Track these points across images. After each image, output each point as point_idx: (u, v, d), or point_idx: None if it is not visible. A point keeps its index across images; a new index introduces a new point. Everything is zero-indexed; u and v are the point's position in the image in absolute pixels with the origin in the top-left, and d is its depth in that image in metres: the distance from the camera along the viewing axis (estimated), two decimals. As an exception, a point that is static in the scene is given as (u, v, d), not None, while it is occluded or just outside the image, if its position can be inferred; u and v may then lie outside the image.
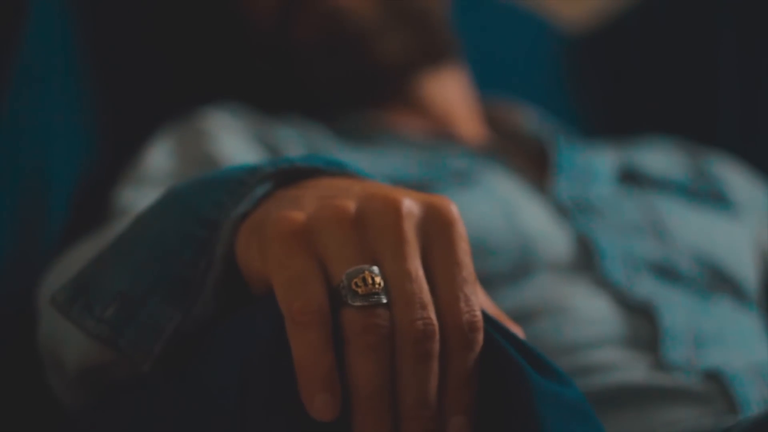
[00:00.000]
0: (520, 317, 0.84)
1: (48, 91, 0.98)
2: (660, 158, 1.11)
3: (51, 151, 0.97)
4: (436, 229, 0.58)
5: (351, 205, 0.58)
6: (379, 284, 0.56)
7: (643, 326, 0.85)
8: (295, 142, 1.00)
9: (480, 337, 0.56)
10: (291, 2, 1.08)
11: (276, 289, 0.56)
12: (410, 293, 0.56)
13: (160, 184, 0.92)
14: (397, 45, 1.07)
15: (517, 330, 0.61)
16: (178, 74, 1.16)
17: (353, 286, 0.56)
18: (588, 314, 0.85)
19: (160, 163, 0.96)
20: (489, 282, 0.87)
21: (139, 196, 0.90)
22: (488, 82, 1.28)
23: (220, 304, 0.64)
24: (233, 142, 0.98)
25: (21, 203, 0.93)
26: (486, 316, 0.58)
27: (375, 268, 0.56)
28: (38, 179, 0.95)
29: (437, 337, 0.55)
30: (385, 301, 0.56)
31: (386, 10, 1.07)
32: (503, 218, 0.91)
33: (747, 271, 0.98)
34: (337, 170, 0.65)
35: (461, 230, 0.59)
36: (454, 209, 0.59)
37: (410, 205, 0.58)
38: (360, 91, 1.09)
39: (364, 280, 0.56)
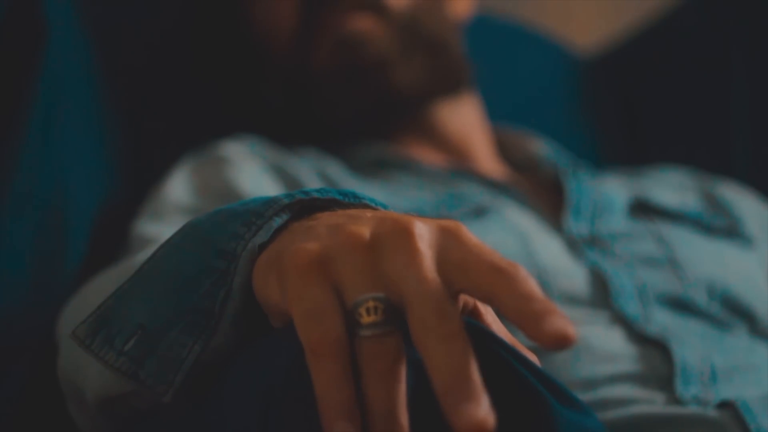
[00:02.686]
0: (534, 352, 0.84)
1: (67, 123, 0.99)
2: (672, 189, 1.11)
3: (70, 184, 0.98)
4: (450, 249, 0.59)
5: (364, 231, 0.59)
6: (387, 311, 0.56)
7: (658, 361, 0.85)
8: (312, 175, 1.01)
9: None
10: (308, 30, 1.09)
11: (295, 320, 0.57)
12: (433, 309, 0.56)
13: (179, 217, 0.93)
14: (415, 74, 1.08)
15: (533, 358, 0.61)
16: (198, 107, 1.17)
17: (363, 315, 0.56)
18: (603, 349, 0.85)
19: (179, 196, 0.97)
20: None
21: (158, 229, 0.90)
22: (502, 106, 1.29)
23: (239, 335, 0.65)
24: (252, 171, 0.99)
25: (41, 235, 0.94)
26: (506, 345, 0.58)
27: (382, 295, 0.57)
28: (58, 211, 0.96)
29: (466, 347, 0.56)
30: (391, 327, 0.56)
31: (404, 39, 1.08)
32: (519, 252, 0.92)
33: (762, 302, 0.98)
34: (353, 201, 0.65)
35: (475, 244, 0.59)
36: (465, 230, 0.60)
37: (422, 226, 0.59)
38: (377, 120, 1.10)
39: (371, 308, 0.56)
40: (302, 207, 0.65)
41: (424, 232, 0.58)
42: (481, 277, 0.56)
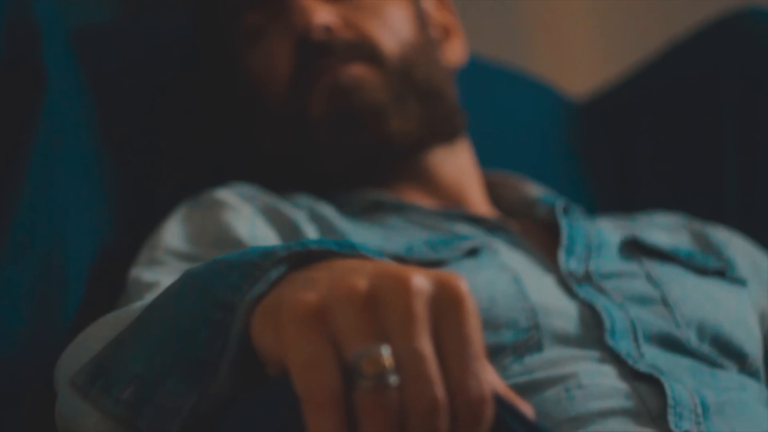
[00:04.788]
0: (527, 389, 0.85)
1: (66, 170, 0.99)
2: (664, 230, 1.13)
3: (69, 230, 0.98)
4: (447, 306, 0.59)
5: (362, 284, 0.59)
6: (388, 364, 0.57)
7: (651, 397, 0.86)
8: (307, 222, 1.02)
9: (489, 412, 0.58)
10: (302, 78, 1.10)
11: (291, 371, 0.58)
12: (420, 371, 0.57)
13: (176, 263, 0.94)
14: (409, 122, 1.09)
15: (526, 408, 0.62)
16: (195, 154, 1.18)
17: (363, 367, 0.57)
18: (595, 386, 0.86)
19: (175, 242, 0.98)
20: (497, 354, 0.88)
21: (155, 276, 0.91)
22: (493, 149, 1.30)
23: (237, 384, 0.65)
24: (248, 216, 1.00)
25: (40, 280, 0.95)
26: (496, 397, 0.59)
27: (384, 348, 0.58)
28: (57, 257, 0.96)
29: (446, 413, 0.57)
30: (393, 380, 0.57)
31: (398, 87, 1.09)
32: (511, 291, 0.92)
33: (753, 343, 0.99)
34: (349, 252, 0.66)
35: (471, 307, 0.60)
36: (464, 286, 0.60)
37: (420, 282, 0.59)
38: (371, 167, 1.11)
39: (372, 360, 0.57)
40: (300, 257, 0.66)
41: (422, 288, 0.59)
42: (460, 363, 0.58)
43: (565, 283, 0.97)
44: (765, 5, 1.35)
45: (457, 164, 1.14)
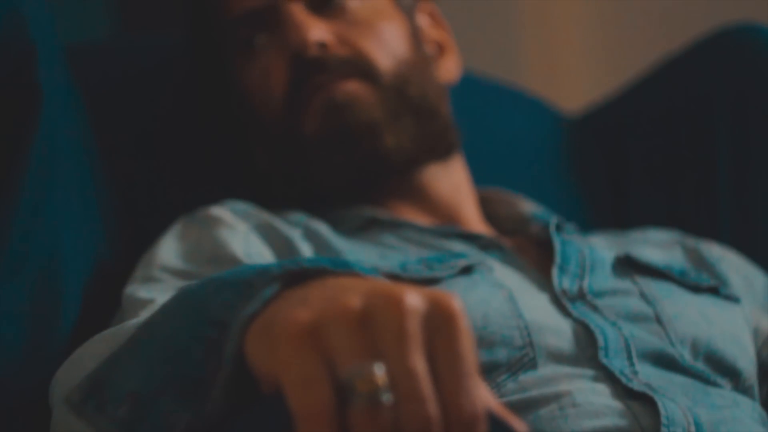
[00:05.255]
0: (522, 407, 0.86)
1: (61, 188, 1.00)
2: (658, 247, 1.13)
3: (65, 247, 0.98)
4: (440, 324, 0.60)
5: (356, 303, 0.60)
6: (382, 382, 0.57)
7: (644, 415, 0.86)
8: (301, 239, 1.02)
9: (482, 429, 0.58)
10: (297, 94, 1.11)
11: (285, 389, 0.58)
12: (413, 389, 0.57)
13: (171, 280, 0.94)
14: (404, 138, 1.09)
15: (519, 426, 0.62)
16: (190, 172, 1.18)
17: (356, 385, 0.57)
18: (589, 404, 0.86)
19: (171, 259, 0.98)
20: (491, 372, 0.88)
21: (151, 293, 0.92)
22: (487, 165, 1.30)
23: (231, 401, 0.66)
24: (242, 233, 1.01)
25: (35, 298, 0.95)
26: (489, 415, 0.59)
27: (377, 366, 0.58)
28: (52, 275, 0.97)
29: (440, 431, 0.57)
30: (386, 398, 0.57)
31: (393, 103, 1.10)
32: (505, 309, 0.93)
33: (746, 360, 1.00)
34: (343, 270, 0.67)
35: (464, 325, 0.60)
36: (456, 304, 0.61)
37: (414, 301, 0.60)
38: (365, 184, 1.11)
39: (366, 379, 0.57)
40: (294, 275, 0.66)
41: (416, 307, 0.59)
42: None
43: (559, 301, 0.98)
44: (756, 22, 1.36)
45: (452, 181, 1.15)
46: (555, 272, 1.01)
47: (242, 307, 0.64)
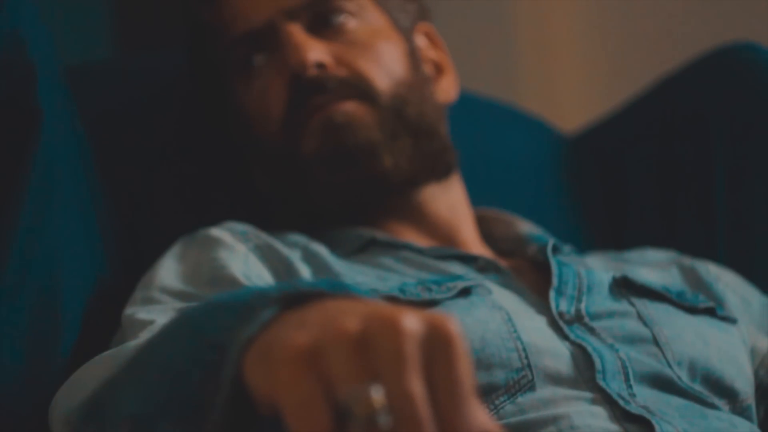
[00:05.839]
0: (520, 429, 0.86)
1: (60, 209, 1.00)
2: (654, 268, 1.13)
3: (64, 269, 0.99)
4: (438, 347, 0.60)
5: (354, 326, 0.60)
6: (379, 405, 0.58)
7: None
8: (300, 261, 1.03)
9: None
10: (296, 115, 1.11)
11: (284, 411, 0.58)
12: (410, 412, 0.58)
13: (171, 302, 0.95)
14: (402, 159, 1.10)
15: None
16: (190, 193, 1.19)
17: (354, 408, 0.58)
18: (587, 427, 0.86)
19: (171, 281, 0.98)
20: (489, 394, 0.89)
21: (150, 315, 0.92)
22: (485, 184, 1.31)
23: (229, 425, 0.66)
24: (242, 254, 1.01)
25: (35, 319, 0.95)
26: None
27: (374, 389, 0.58)
28: (52, 296, 0.97)
29: None
30: (384, 420, 0.57)
31: (391, 124, 1.10)
32: (504, 332, 0.93)
33: (743, 380, 1.00)
34: (341, 292, 0.67)
35: (462, 347, 0.61)
36: (454, 327, 0.61)
37: (411, 323, 0.60)
38: (364, 204, 1.11)
39: (363, 401, 0.58)
40: (292, 298, 0.67)
41: (413, 329, 0.59)
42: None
43: (557, 323, 0.98)
44: (752, 41, 1.36)
45: (450, 201, 1.15)
46: (552, 295, 1.01)
47: (240, 330, 0.64)
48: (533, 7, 2.04)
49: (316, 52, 1.10)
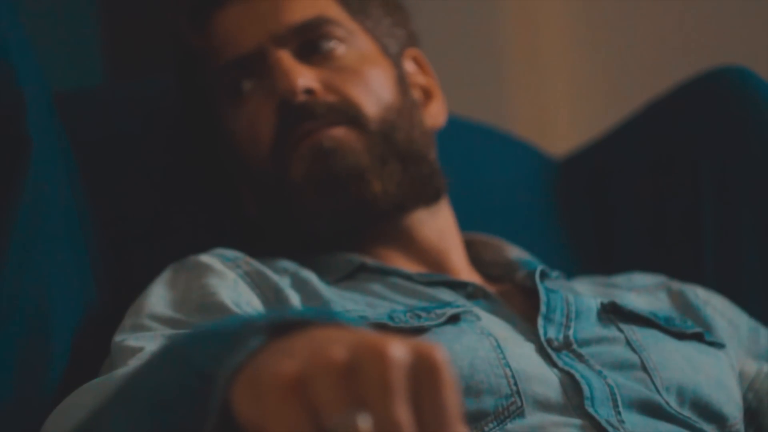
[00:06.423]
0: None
1: (50, 236, 1.00)
2: (643, 293, 1.14)
3: (53, 296, 0.99)
4: (424, 375, 0.60)
5: (341, 354, 0.60)
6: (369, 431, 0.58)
7: None
8: (290, 287, 1.03)
9: None
10: (284, 141, 1.11)
11: None
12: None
13: (160, 329, 0.95)
14: (390, 184, 1.10)
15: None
16: (179, 220, 1.19)
17: None
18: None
19: (160, 308, 0.98)
20: (478, 420, 0.89)
21: (140, 342, 0.92)
22: (476, 207, 1.31)
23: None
24: (231, 281, 1.01)
25: (24, 347, 0.95)
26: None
27: (362, 417, 0.58)
28: (41, 323, 0.97)
29: None
30: None
31: (379, 149, 1.10)
32: (493, 359, 0.93)
33: (732, 405, 1.00)
34: (328, 321, 0.67)
35: (448, 375, 0.61)
36: (440, 355, 0.61)
37: (398, 352, 0.60)
38: (352, 230, 1.11)
39: (351, 429, 0.58)
40: (280, 327, 0.67)
41: (399, 358, 0.59)
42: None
43: (545, 350, 0.98)
44: (741, 65, 1.37)
45: (438, 226, 1.15)
46: (540, 322, 1.01)
47: (228, 358, 0.65)
48: (522, 31, 2.05)
49: (305, 78, 1.11)
